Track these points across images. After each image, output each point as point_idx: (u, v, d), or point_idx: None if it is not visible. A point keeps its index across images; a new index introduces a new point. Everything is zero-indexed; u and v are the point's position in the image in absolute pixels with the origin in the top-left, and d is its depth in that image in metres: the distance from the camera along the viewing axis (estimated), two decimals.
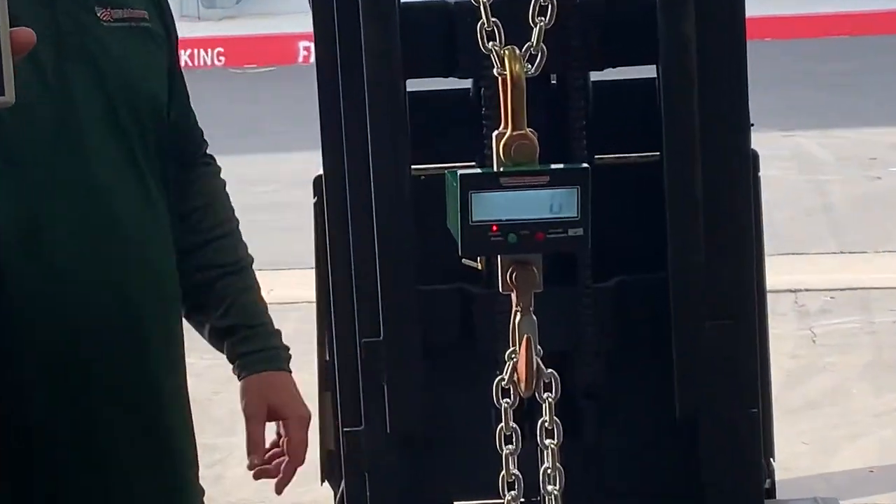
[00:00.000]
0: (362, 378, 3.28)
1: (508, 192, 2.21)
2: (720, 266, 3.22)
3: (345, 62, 3.19)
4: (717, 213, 3.20)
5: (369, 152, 3.18)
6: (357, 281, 3.25)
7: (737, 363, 3.27)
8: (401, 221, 3.20)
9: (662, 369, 3.26)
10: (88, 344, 2.41)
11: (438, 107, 3.41)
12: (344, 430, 3.34)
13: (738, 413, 3.28)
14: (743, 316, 3.27)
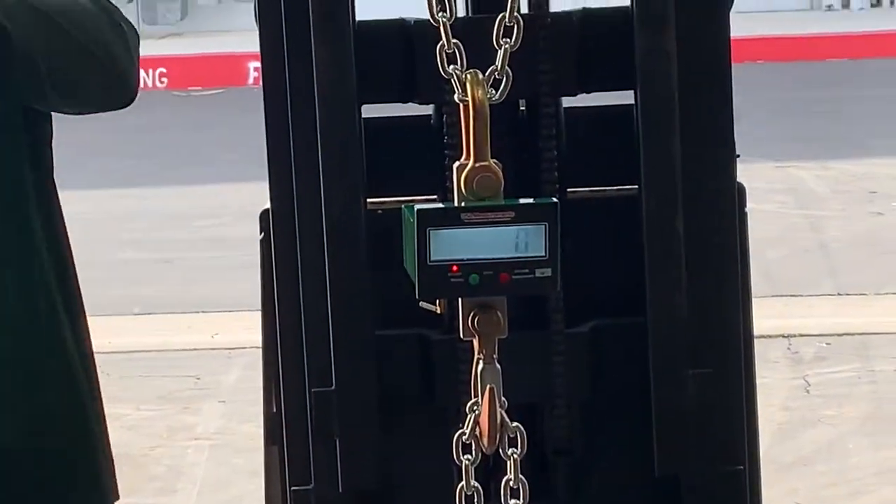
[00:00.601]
0: (312, 431, 3.28)
1: (470, 229, 2.22)
2: (703, 309, 3.22)
3: (294, 85, 3.20)
4: (700, 252, 3.21)
5: (321, 184, 3.19)
6: (307, 325, 3.25)
7: (721, 415, 3.27)
8: (354, 260, 3.20)
9: (641, 422, 3.27)
10: None
11: (396, 135, 3.42)
12: (291, 489, 3.34)
13: (723, 470, 3.29)
14: (728, 364, 3.28)
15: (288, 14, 3.18)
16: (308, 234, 3.23)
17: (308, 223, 3.22)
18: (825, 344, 6.23)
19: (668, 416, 3.24)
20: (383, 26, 3.29)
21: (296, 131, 3.22)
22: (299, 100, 3.20)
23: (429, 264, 2.22)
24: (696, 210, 3.20)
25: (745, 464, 3.37)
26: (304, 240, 3.24)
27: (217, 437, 5.72)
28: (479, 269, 2.22)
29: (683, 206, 3.19)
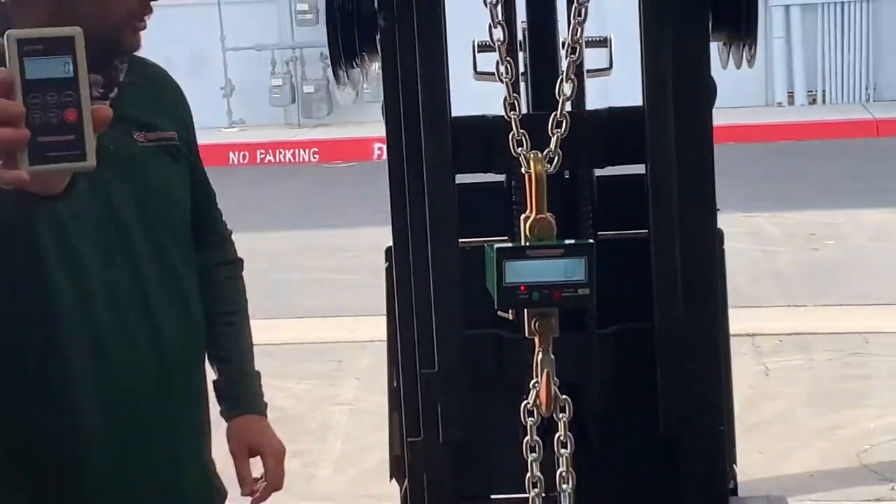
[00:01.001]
0: (421, 400, 3.27)
1: (532, 261, 2.21)
2: (694, 317, 3.20)
3: (409, 159, 3.21)
4: (692, 277, 3.19)
5: (427, 229, 3.19)
6: (418, 326, 3.25)
7: (707, 392, 3.25)
8: (450, 281, 3.20)
9: (650, 397, 3.24)
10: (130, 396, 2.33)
11: (479, 195, 3.41)
12: (407, 440, 3.34)
13: (709, 430, 3.26)
14: (712, 355, 3.25)
15: (405, 111, 3.19)
16: (418, 264, 3.23)
17: (418, 256, 3.22)
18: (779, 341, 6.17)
19: (670, 392, 3.22)
20: (471, 120, 3.29)
21: (410, 192, 3.22)
22: (413, 170, 3.20)
23: (504, 285, 2.22)
24: (690, 247, 3.18)
25: (724, 425, 3.35)
26: (416, 268, 3.24)
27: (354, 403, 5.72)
28: (539, 289, 2.21)
29: (680, 245, 3.17)
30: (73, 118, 1.50)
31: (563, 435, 2.29)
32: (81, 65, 1.52)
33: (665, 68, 3.11)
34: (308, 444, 5.28)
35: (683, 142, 3.13)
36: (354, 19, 3.29)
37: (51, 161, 1.51)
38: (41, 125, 1.49)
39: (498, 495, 3.46)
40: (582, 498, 2.41)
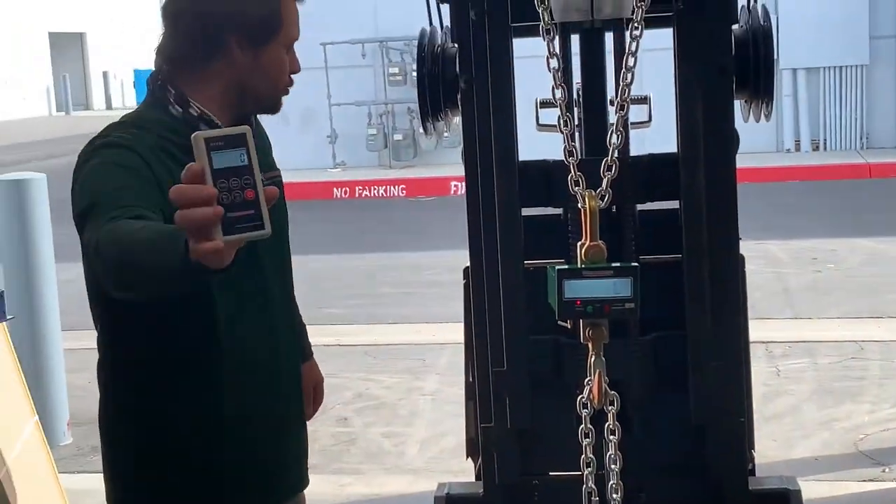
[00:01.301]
0: (492, 394, 3.26)
1: (587, 281, 2.20)
2: (720, 327, 3.17)
3: (484, 196, 3.20)
4: (718, 294, 3.15)
5: (499, 254, 3.18)
6: (490, 331, 3.24)
7: (731, 388, 3.21)
8: (518, 296, 3.19)
9: (683, 393, 3.21)
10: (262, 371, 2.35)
11: (541, 225, 3.40)
12: (481, 426, 3.32)
13: (732, 420, 3.22)
14: (735, 358, 3.21)
15: (481, 156, 3.19)
16: (491, 282, 3.22)
17: (491, 275, 3.21)
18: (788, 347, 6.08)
19: (700, 389, 3.18)
20: (535, 164, 3.28)
21: (484, 221, 3.21)
22: (486, 203, 3.20)
23: (563, 300, 2.21)
24: (717, 269, 3.15)
25: (745, 417, 3.30)
26: (489, 284, 3.23)
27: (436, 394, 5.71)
28: (592, 303, 2.20)
29: (709, 268, 3.14)
30: (252, 196, 1.62)
31: (612, 424, 2.27)
32: (252, 153, 1.63)
33: (697, 121, 3.09)
34: (398, 428, 5.29)
35: (712, 182, 3.10)
36: (440, 82, 3.30)
37: (238, 232, 1.61)
38: (228, 204, 1.60)
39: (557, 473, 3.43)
40: (625, 474, 2.39)
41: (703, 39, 3.08)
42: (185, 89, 2.19)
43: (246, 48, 2.19)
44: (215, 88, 2.20)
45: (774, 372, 5.63)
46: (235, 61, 2.19)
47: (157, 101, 2.19)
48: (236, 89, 2.22)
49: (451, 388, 5.64)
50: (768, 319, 6.49)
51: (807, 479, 3.91)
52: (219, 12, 2.14)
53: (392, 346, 6.76)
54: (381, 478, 4.65)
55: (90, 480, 4.67)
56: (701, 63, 3.09)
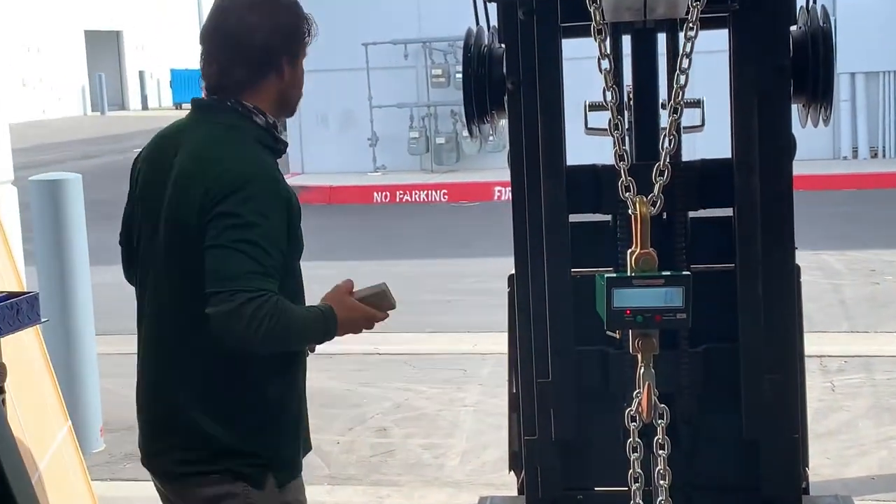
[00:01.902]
0: (537, 405, 3.26)
1: (637, 289, 2.20)
2: (774, 339, 3.14)
3: (530, 200, 3.20)
4: (772, 305, 3.13)
5: (545, 261, 3.18)
6: (535, 342, 3.24)
7: (784, 403, 3.18)
8: (565, 305, 3.19)
9: (734, 407, 3.19)
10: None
11: (589, 232, 3.39)
12: (524, 438, 3.32)
13: (786, 436, 3.20)
14: (789, 372, 3.19)
15: (528, 159, 3.19)
16: (537, 290, 3.22)
17: (537, 283, 3.21)
18: (844, 361, 6.01)
19: (752, 404, 3.16)
20: (584, 168, 3.28)
21: (530, 227, 3.21)
22: (533, 209, 3.20)
23: (612, 309, 2.21)
24: (772, 280, 3.13)
25: (799, 433, 3.28)
26: (534, 292, 3.23)
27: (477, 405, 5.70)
28: (642, 313, 2.20)
29: (763, 279, 3.12)
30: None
31: (661, 438, 2.27)
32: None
33: (752, 126, 3.07)
34: (438, 439, 5.29)
35: (767, 189, 3.08)
36: (486, 83, 3.31)
37: None
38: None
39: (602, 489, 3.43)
40: (674, 490, 2.38)
41: (760, 40, 3.07)
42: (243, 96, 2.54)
43: (290, 64, 2.57)
44: (266, 101, 2.54)
45: (829, 387, 5.58)
46: (284, 77, 2.55)
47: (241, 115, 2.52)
48: (280, 99, 2.58)
49: (493, 399, 5.63)
50: (824, 333, 6.42)
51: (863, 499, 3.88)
52: (277, 41, 2.52)
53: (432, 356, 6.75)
54: (420, 490, 4.65)
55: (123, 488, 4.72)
56: (757, 64, 3.07)
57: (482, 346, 6.62)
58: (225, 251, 2.32)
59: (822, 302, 7.30)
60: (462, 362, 6.56)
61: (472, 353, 6.67)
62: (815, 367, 5.73)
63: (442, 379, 6.29)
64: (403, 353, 6.76)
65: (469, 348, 6.80)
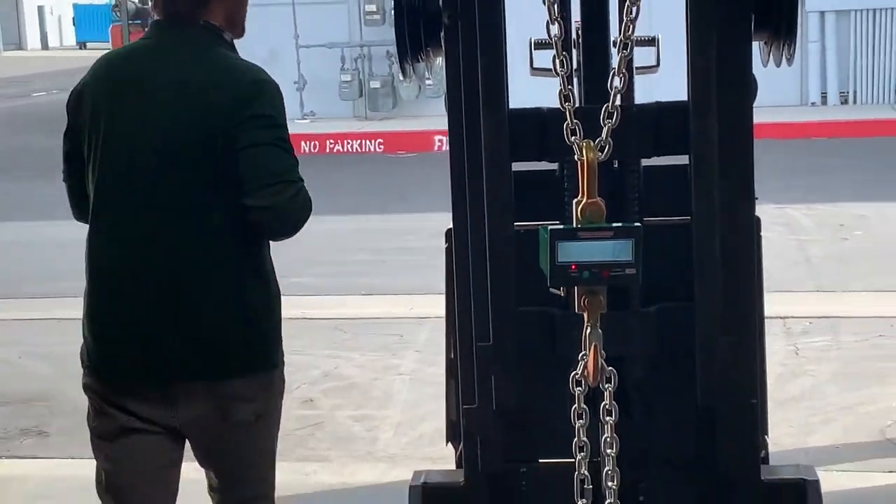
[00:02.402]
0: (476, 371, 3.27)
1: (583, 242, 2.21)
2: (731, 299, 3.18)
3: (470, 149, 3.20)
4: (730, 262, 3.16)
5: (485, 214, 3.18)
6: (475, 303, 3.24)
7: (741, 367, 3.22)
8: (506, 261, 3.19)
9: (689, 371, 3.22)
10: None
11: (534, 181, 3.40)
12: (463, 407, 3.33)
13: (743, 403, 3.24)
14: (746, 334, 3.22)
15: (466, 103, 3.18)
16: (476, 245, 3.22)
17: (476, 238, 3.21)
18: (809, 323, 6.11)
19: (707, 367, 3.20)
20: (528, 112, 3.27)
21: (470, 178, 3.21)
22: (472, 158, 3.20)
23: (556, 264, 2.22)
24: (730, 235, 3.16)
25: (757, 399, 3.32)
26: (474, 249, 3.23)
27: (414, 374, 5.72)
28: (589, 268, 2.20)
29: (720, 232, 3.14)
30: None
31: (609, 404, 2.28)
32: None
33: (710, 66, 3.08)
34: (371, 410, 5.30)
35: (726, 135, 3.10)
36: (421, 17, 3.29)
37: None
38: None
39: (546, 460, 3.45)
40: (623, 462, 2.40)
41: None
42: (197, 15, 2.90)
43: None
44: (218, 21, 2.92)
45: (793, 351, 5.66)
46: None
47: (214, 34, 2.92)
48: (229, 19, 2.95)
49: (430, 367, 5.64)
50: (787, 293, 6.50)
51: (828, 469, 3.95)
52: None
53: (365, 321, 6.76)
54: (350, 466, 4.66)
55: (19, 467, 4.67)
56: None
57: (419, 310, 6.62)
58: (268, 148, 2.80)
59: (785, 259, 7.40)
60: (397, 327, 6.57)
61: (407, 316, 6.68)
62: (778, 330, 5.81)
63: (375, 345, 6.30)
64: (333, 318, 6.77)
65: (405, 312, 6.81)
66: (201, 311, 2.85)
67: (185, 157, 2.79)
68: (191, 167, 2.79)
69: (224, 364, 2.89)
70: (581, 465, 2.31)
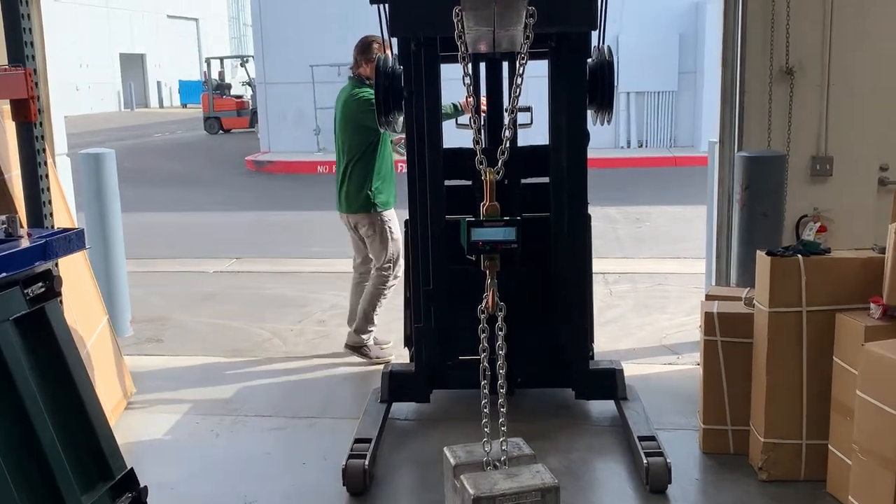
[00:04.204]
0: (422, 304, 3.26)
1: (486, 228, 2.20)
2: (574, 262, 3.19)
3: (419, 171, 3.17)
4: (573, 239, 3.18)
5: (428, 209, 3.16)
6: (422, 263, 3.23)
7: (579, 302, 3.24)
8: (441, 239, 3.18)
9: (549, 305, 3.23)
10: None
11: (457, 192, 3.39)
12: (414, 326, 3.33)
13: (580, 323, 3.26)
14: (583, 284, 3.24)
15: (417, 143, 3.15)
16: (423, 228, 3.21)
17: (423, 224, 3.20)
18: (618, 276, 6.16)
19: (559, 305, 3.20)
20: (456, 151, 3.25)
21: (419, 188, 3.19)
22: (420, 176, 3.18)
23: (470, 242, 2.21)
24: (573, 223, 3.17)
25: (588, 322, 3.35)
26: (421, 231, 3.22)
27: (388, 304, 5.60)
28: (490, 244, 2.20)
29: (567, 223, 3.15)
30: None
31: (500, 324, 2.28)
32: None
33: (562, 123, 3.09)
34: None
35: (570, 165, 3.12)
36: (391, 92, 3.26)
37: None
38: None
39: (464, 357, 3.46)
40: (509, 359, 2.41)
41: (567, 68, 3.08)
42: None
43: (367, 61, 3.98)
44: (364, 75, 3.97)
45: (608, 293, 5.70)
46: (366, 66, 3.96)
47: (359, 79, 4.01)
48: (369, 75, 3.88)
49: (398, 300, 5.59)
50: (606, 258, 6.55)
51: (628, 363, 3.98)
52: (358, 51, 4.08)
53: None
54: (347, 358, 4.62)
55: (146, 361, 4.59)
56: (565, 84, 3.09)
57: None
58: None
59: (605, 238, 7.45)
60: None
61: None
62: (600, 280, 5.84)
63: None
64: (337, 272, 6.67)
65: None
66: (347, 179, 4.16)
67: (348, 126, 4.04)
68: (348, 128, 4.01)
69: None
70: (483, 360, 2.32)
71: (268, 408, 3.82)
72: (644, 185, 10.87)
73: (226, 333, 5.06)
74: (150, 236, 8.64)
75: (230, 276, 6.59)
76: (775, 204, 3.61)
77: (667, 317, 5.14)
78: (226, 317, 5.41)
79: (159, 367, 4.44)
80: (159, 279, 6.55)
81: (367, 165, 4.03)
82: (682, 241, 7.40)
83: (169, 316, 5.46)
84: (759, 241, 3.42)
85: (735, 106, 3.89)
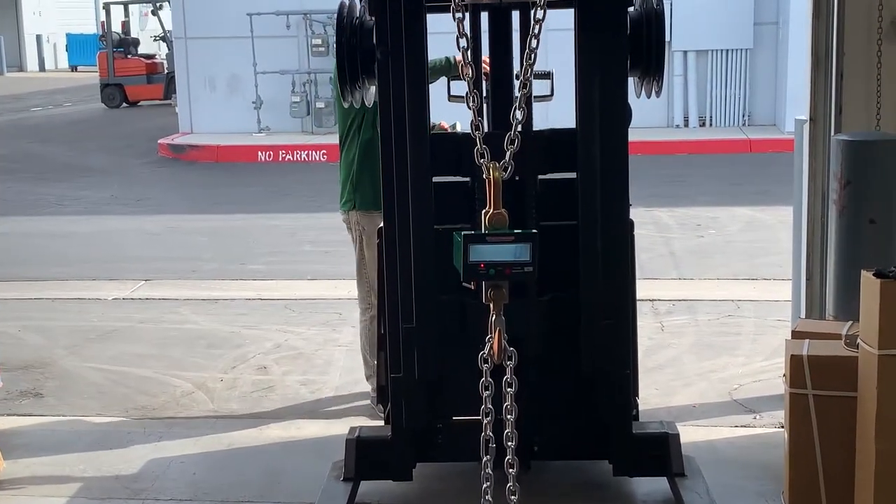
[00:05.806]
0: (402, 346, 3.26)
1: (490, 245, 2.20)
2: (610, 287, 3.20)
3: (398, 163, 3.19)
4: (610, 257, 3.19)
5: (410, 216, 3.17)
6: (401, 290, 3.24)
7: (618, 344, 3.25)
8: (428, 258, 3.19)
9: (575, 347, 3.24)
10: None
11: (451, 192, 3.39)
12: (391, 375, 3.33)
13: (618, 372, 3.27)
14: (623, 316, 3.25)
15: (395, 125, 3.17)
16: (403, 242, 3.21)
17: (403, 237, 3.21)
18: (672, 305, 6.17)
19: (590, 344, 3.22)
20: (447, 136, 3.28)
21: (398, 187, 3.20)
22: (400, 170, 3.19)
23: (468, 263, 2.21)
24: (609, 234, 3.19)
25: (630, 368, 3.35)
26: (401, 245, 3.22)
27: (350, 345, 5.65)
28: (495, 267, 2.20)
29: (601, 233, 3.17)
30: None
31: (510, 377, 2.28)
32: None
33: (594, 97, 3.10)
34: (314, 376, 5.25)
35: (606, 155, 3.13)
36: (358, 52, 3.26)
37: None
38: None
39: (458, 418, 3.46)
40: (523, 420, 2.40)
41: (600, 20, 3.10)
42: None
43: None
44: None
45: (659, 327, 5.71)
46: None
47: None
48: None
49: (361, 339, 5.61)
50: (655, 280, 6.57)
51: (685, 424, 3.98)
52: None
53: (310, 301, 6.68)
54: (297, 422, 4.62)
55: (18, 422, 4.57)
56: (598, 42, 3.10)
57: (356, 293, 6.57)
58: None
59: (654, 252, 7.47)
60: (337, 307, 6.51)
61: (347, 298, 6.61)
62: (647, 310, 5.86)
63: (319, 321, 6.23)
64: (284, 298, 6.69)
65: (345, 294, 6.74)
66: (350, 172, 4.41)
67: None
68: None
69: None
70: (487, 428, 2.31)
71: (187, 489, 3.81)
72: (707, 179, 10.91)
73: (129, 385, 5.06)
74: (26, 250, 8.63)
75: (136, 304, 6.59)
76: (887, 207, 3.62)
77: (739, 361, 5.17)
78: (130, 362, 5.41)
79: (37, 431, 4.42)
80: (38, 310, 6.54)
81: (350, 152, 4.26)
82: (759, 257, 7.44)
83: (51, 361, 5.44)
84: (865, 256, 3.43)
85: (831, 71, 3.91)
